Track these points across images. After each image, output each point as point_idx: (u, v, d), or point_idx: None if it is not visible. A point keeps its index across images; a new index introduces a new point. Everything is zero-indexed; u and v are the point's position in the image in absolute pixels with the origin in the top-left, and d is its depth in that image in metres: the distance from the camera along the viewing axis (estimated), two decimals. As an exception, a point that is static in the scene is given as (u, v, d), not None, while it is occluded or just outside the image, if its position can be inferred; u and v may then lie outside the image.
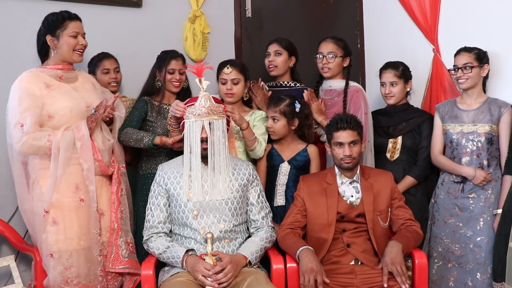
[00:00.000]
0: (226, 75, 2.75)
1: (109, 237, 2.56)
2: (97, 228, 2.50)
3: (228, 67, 2.75)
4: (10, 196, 2.83)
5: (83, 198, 2.47)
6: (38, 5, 2.90)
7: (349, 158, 2.46)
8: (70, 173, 2.46)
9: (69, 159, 2.44)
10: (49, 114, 2.46)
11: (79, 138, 2.45)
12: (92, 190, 2.49)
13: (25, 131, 2.38)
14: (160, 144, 2.68)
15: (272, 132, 2.75)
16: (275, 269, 2.39)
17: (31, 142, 2.39)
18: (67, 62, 2.57)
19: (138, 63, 3.14)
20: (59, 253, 2.42)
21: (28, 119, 2.38)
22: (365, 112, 2.84)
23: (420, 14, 3.23)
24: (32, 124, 2.39)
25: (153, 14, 3.30)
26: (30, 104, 2.41)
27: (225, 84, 2.76)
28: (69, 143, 2.43)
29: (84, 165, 2.47)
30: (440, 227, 2.78)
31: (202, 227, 2.37)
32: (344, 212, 2.46)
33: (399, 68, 2.91)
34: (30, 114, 2.39)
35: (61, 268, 2.42)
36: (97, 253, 2.50)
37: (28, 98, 2.41)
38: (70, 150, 2.44)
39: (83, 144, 2.45)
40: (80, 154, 2.46)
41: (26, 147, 2.39)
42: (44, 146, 2.40)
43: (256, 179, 2.54)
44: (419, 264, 2.43)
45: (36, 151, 2.42)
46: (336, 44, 2.90)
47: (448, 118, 2.80)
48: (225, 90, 2.75)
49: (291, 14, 3.64)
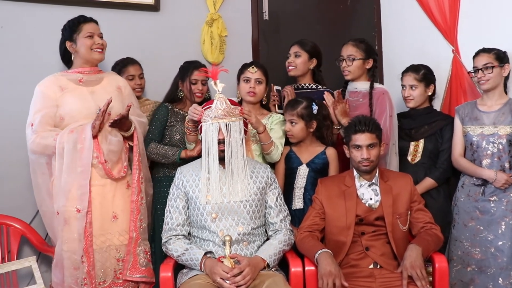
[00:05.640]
0: (250, 74, 2.78)
1: (127, 246, 2.55)
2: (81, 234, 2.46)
3: (253, 67, 2.79)
4: (31, 197, 2.86)
5: (80, 208, 2.45)
6: (59, 10, 2.95)
7: (366, 161, 2.44)
8: (71, 179, 2.46)
9: (75, 163, 2.45)
10: (61, 116, 2.52)
11: (80, 140, 2.46)
12: (77, 194, 2.44)
13: (34, 129, 2.46)
14: (186, 157, 2.71)
15: (290, 135, 2.75)
16: (294, 272, 2.38)
17: (39, 141, 2.46)
18: (90, 63, 2.61)
19: (156, 66, 3.17)
20: (70, 253, 2.44)
21: (38, 119, 2.47)
22: (390, 114, 2.81)
23: (439, 14, 3.19)
24: (41, 124, 2.46)
25: (171, 18, 3.33)
26: (42, 106, 2.49)
27: (249, 82, 2.77)
28: (72, 145, 2.44)
29: (78, 168, 2.46)
30: (460, 230, 2.74)
31: (221, 230, 2.37)
32: (363, 215, 2.44)
33: (420, 71, 2.88)
34: (40, 115, 2.47)
35: (63, 269, 2.44)
36: (79, 258, 2.46)
37: (41, 100, 2.50)
38: (74, 154, 2.44)
39: (83, 147, 2.46)
40: (79, 157, 2.46)
41: (35, 146, 2.47)
42: (51, 144, 2.45)
43: (274, 182, 2.54)
44: (440, 268, 2.40)
45: (44, 150, 2.48)
46: (355, 47, 2.88)
47: (468, 120, 2.77)
48: (248, 89, 2.77)
49: (308, 17, 3.63)
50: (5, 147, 2.92)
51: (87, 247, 2.46)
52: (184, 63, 2.97)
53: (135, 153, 2.61)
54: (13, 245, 2.74)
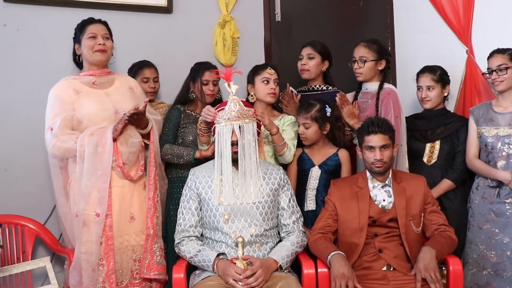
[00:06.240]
0: (269, 75, 2.78)
1: (144, 243, 2.57)
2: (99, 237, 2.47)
3: (270, 68, 2.80)
4: (46, 198, 2.91)
5: (99, 212, 2.46)
6: (73, 13, 2.98)
7: (380, 162, 2.43)
8: (91, 183, 2.47)
9: (95, 166, 2.46)
10: (78, 120, 2.52)
11: (102, 143, 2.46)
12: (97, 197, 2.46)
13: (54, 133, 2.46)
14: (200, 158, 2.71)
15: (304, 138, 2.75)
16: (306, 274, 2.38)
17: (60, 145, 2.46)
18: (95, 66, 2.62)
19: (169, 68, 3.18)
20: (87, 255, 2.45)
21: (57, 123, 2.47)
22: (396, 115, 2.78)
23: (453, 14, 3.17)
24: (60, 127, 2.46)
25: (184, 20, 3.34)
26: (59, 110, 2.50)
27: (268, 83, 2.77)
28: (92, 148, 2.45)
29: (98, 172, 2.47)
30: (475, 233, 2.71)
31: (233, 231, 2.38)
32: (376, 217, 2.43)
33: (436, 72, 2.86)
34: (59, 119, 2.47)
35: (81, 271, 2.45)
36: (97, 261, 2.47)
37: (58, 104, 2.51)
38: (95, 157, 2.45)
39: (103, 151, 2.47)
40: (99, 160, 2.47)
41: (56, 150, 2.47)
42: (72, 148, 2.46)
43: (287, 183, 2.54)
44: (454, 271, 2.38)
45: (65, 154, 2.48)
46: (367, 48, 2.87)
47: (483, 121, 2.74)
48: (269, 90, 2.77)
49: (320, 18, 3.62)
50: (20, 149, 2.95)
51: (107, 250, 2.47)
52: (194, 64, 2.98)
53: (151, 151, 2.63)
54: (28, 246, 2.76)
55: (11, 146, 2.94)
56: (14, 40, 2.98)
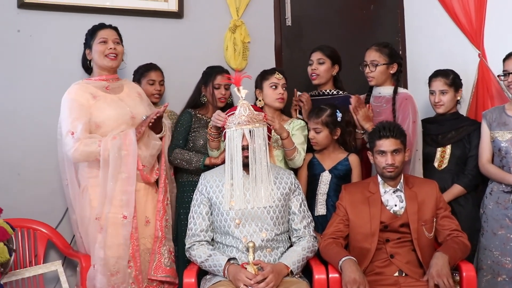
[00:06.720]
0: (277, 80, 2.79)
1: (152, 245, 2.59)
2: (128, 239, 2.51)
3: (278, 73, 2.81)
4: (58, 202, 2.93)
5: (126, 215, 2.49)
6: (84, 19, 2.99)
7: (391, 167, 2.42)
8: (117, 186, 2.50)
9: (118, 169, 2.48)
10: (96, 124, 2.53)
11: (125, 146, 2.49)
12: (123, 200, 2.48)
13: (76, 137, 2.46)
14: (209, 165, 2.72)
15: (315, 143, 2.74)
16: (317, 279, 2.36)
17: (83, 148, 2.46)
18: (106, 71, 2.64)
19: (180, 73, 3.19)
20: (104, 260, 2.46)
21: (79, 127, 2.47)
22: (414, 120, 2.76)
23: (464, 18, 3.14)
24: (82, 131, 2.47)
25: (194, 25, 3.35)
26: (79, 114, 2.50)
27: (276, 88, 2.78)
28: (116, 151, 2.47)
29: (123, 174, 2.49)
30: (489, 239, 2.68)
31: (244, 236, 2.37)
32: (387, 222, 2.42)
33: (449, 76, 2.84)
34: (80, 123, 2.48)
35: (108, 274, 2.46)
36: (125, 263, 2.50)
37: (77, 108, 2.51)
38: (118, 160, 2.48)
39: (128, 154, 2.49)
40: (124, 163, 2.50)
41: (78, 154, 2.46)
42: (95, 151, 2.46)
43: (298, 188, 2.53)
44: (467, 277, 2.35)
45: (87, 157, 2.49)
46: (379, 52, 2.85)
47: (496, 125, 2.71)
48: (278, 95, 2.78)
49: (331, 22, 3.62)
50: (32, 153, 2.97)
51: (134, 252, 2.50)
52: (207, 68, 2.99)
53: (163, 154, 2.66)
54: (40, 249, 2.78)
55: (23, 150, 2.96)
56: (27, 46, 3.01)
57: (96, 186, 2.51)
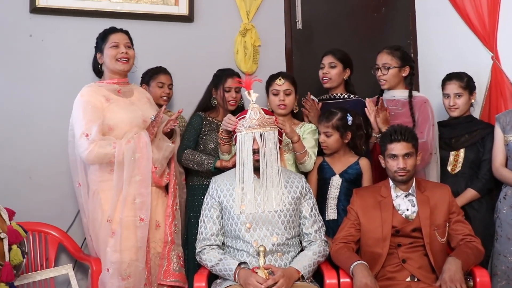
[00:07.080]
0: (278, 86, 2.77)
1: (162, 250, 2.60)
2: (145, 242, 2.53)
3: (280, 79, 2.78)
4: (68, 206, 2.95)
5: (143, 217, 2.50)
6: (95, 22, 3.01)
7: (403, 171, 2.40)
8: (132, 189, 2.51)
9: (133, 172, 2.49)
10: (109, 127, 2.55)
11: (139, 148, 2.50)
12: (138, 202, 2.50)
13: (91, 139, 2.46)
14: (220, 167, 2.72)
15: (325, 147, 2.73)
16: (328, 284, 2.35)
17: (98, 150, 2.46)
18: (117, 74, 2.65)
19: (190, 77, 3.20)
20: (118, 264, 2.46)
21: (93, 129, 2.48)
22: (432, 123, 2.75)
23: (477, 20, 3.11)
24: (96, 133, 2.48)
25: (205, 28, 3.36)
26: (93, 116, 2.51)
27: (277, 95, 2.77)
28: (131, 155, 2.48)
29: (136, 177, 2.50)
30: (504, 244, 2.64)
31: (255, 240, 2.36)
32: (399, 226, 2.40)
33: (463, 79, 2.81)
34: (94, 125, 2.49)
35: (119, 278, 2.47)
36: (143, 266, 2.52)
37: (91, 110, 2.52)
38: (132, 163, 2.49)
39: (141, 156, 2.50)
40: (137, 166, 2.51)
41: (93, 155, 2.47)
42: (110, 153, 2.47)
43: (309, 192, 2.52)
44: (481, 283, 2.32)
45: (102, 159, 2.49)
46: (390, 55, 2.84)
47: (510, 129, 2.68)
48: (278, 102, 2.76)
49: (341, 25, 3.60)
50: (44, 157, 2.99)
51: (146, 255, 2.53)
52: (217, 71, 2.99)
53: (173, 159, 2.68)
54: (51, 253, 2.79)
55: (35, 154, 2.98)
56: (39, 50, 3.04)
57: (108, 190, 2.52)
